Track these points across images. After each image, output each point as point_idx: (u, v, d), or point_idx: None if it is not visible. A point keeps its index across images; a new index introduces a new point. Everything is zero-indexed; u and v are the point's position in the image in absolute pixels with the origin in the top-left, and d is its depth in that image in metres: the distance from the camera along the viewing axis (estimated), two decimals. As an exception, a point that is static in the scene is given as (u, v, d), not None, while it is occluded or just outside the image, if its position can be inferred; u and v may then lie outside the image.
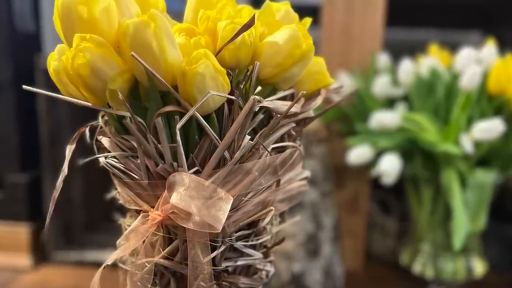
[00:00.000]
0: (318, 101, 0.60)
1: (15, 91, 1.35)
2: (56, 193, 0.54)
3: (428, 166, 1.14)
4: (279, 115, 0.54)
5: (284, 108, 0.54)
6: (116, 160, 0.55)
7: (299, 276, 1.10)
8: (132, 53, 0.47)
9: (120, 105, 0.51)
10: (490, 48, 1.13)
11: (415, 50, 1.30)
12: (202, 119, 0.50)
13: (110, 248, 1.23)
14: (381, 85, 1.19)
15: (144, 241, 0.55)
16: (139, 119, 0.50)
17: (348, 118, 1.27)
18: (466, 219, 1.04)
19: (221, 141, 0.51)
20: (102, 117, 0.59)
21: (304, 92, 0.53)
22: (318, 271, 1.12)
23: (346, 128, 1.28)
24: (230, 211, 0.51)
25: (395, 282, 1.33)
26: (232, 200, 0.50)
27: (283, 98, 0.59)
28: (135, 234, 0.54)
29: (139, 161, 0.52)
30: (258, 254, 0.60)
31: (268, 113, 0.57)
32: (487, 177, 1.08)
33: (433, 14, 1.53)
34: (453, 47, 1.22)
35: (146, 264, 0.55)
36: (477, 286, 1.24)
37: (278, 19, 0.59)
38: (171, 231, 0.55)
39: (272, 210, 0.56)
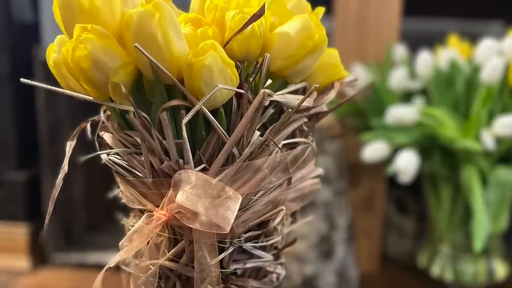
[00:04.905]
0: (332, 95, 0.60)
1: (13, 84, 1.36)
2: (55, 192, 0.54)
3: (447, 163, 1.14)
4: (290, 110, 0.54)
5: (296, 102, 0.54)
6: (118, 157, 0.55)
7: (312, 279, 1.10)
8: (136, 44, 0.47)
9: (123, 99, 0.51)
10: (512, 39, 1.12)
11: (433, 41, 1.29)
12: (209, 114, 0.50)
13: (112, 250, 1.23)
14: (397, 78, 1.19)
15: (148, 242, 0.55)
16: (143, 113, 0.50)
17: (363, 113, 1.27)
18: (487, 219, 1.03)
19: (229, 137, 0.51)
20: (104, 111, 0.59)
21: (317, 85, 0.53)
22: (331, 274, 1.12)
23: (361, 123, 1.28)
24: (238, 210, 0.51)
25: (412, 285, 1.32)
26: (241, 199, 0.50)
27: (295, 92, 0.59)
28: (139, 235, 0.54)
29: (143, 158, 0.52)
30: (268, 256, 0.60)
31: (279, 107, 0.57)
32: (509, 175, 1.07)
33: (452, 3, 1.52)
34: (473, 38, 1.22)
35: (151, 266, 0.55)
36: (498, 290, 1.24)
37: (289, 9, 0.59)
38: (177, 232, 0.55)
39: (283, 209, 0.56)
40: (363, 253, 1.37)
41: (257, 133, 0.52)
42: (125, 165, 0.54)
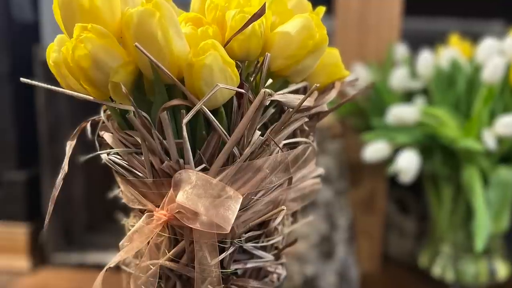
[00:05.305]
0: (332, 94, 0.60)
1: (13, 84, 1.36)
2: (55, 192, 0.54)
3: (449, 163, 1.14)
4: (291, 109, 0.54)
5: (297, 102, 0.54)
6: (119, 157, 0.55)
7: (312, 279, 1.10)
8: (136, 43, 0.47)
9: (123, 99, 0.51)
10: (514, 38, 1.12)
11: (434, 40, 1.29)
12: (209, 113, 0.50)
13: (112, 250, 1.23)
14: (398, 78, 1.19)
15: (148, 242, 0.55)
16: (144, 113, 0.50)
17: (364, 113, 1.27)
18: (488, 219, 1.03)
19: (230, 136, 0.51)
20: (104, 111, 0.59)
21: (318, 85, 0.53)
22: (332, 274, 1.12)
23: (362, 123, 1.28)
24: (239, 210, 0.51)
25: (413, 285, 1.32)
26: (241, 199, 0.50)
27: (296, 92, 0.59)
28: (139, 235, 0.54)
29: (143, 158, 0.52)
30: (269, 256, 0.60)
31: (280, 107, 0.57)
32: (510, 175, 1.07)
33: (453, 2, 1.52)
34: (474, 38, 1.22)
35: (151, 266, 0.55)
36: (500, 290, 1.23)
37: (290, 8, 0.59)
38: (177, 232, 0.55)
39: (283, 209, 0.56)
40: (364, 253, 1.37)
41: (258, 132, 0.52)
42: (125, 165, 0.54)
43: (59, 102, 1.38)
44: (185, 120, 0.48)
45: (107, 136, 0.56)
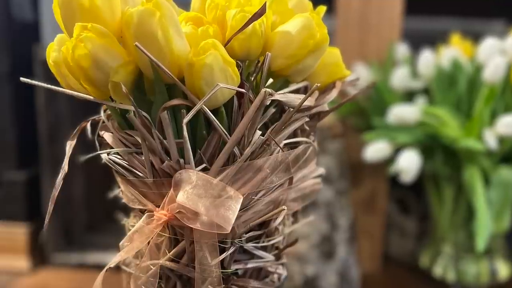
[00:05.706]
0: (333, 94, 0.60)
1: (13, 83, 1.36)
2: (55, 192, 0.54)
3: (450, 163, 1.14)
4: (291, 109, 0.53)
5: (297, 101, 0.54)
6: (119, 157, 0.55)
7: (313, 279, 1.10)
8: (136, 43, 0.47)
9: (123, 99, 0.51)
10: (515, 37, 1.12)
11: (435, 40, 1.29)
12: (210, 113, 0.50)
13: (112, 250, 1.23)
14: (399, 77, 1.19)
15: (148, 243, 0.55)
16: (144, 113, 0.50)
17: (364, 112, 1.27)
18: (489, 219, 1.03)
19: (230, 136, 0.51)
20: (104, 111, 0.59)
21: (318, 84, 0.53)
22: (333, 274, 1.12)
23: (363, 122, 1.27)
24: (240, 210, 0.51)
25: (414, 286, 1.32)
26: (242, 199, 0.50)
27: (296, 91, 0.59)
28: (139, 235, 0.54)
29: (143, 158, 0.52)
30: (269, 256, 0.60)
31: (280, 107, 0.57)
32: (511, 175, 1.07)
33: (454, 2, 1.52)
34: (475, 37, 1.22)
35: (151, 266, 0.55)
36: (501, 290, 1.23)
37: (290, 8, 0.59)
38: (178, 232, 0.55)
39: (284, 209, 0.56)
40: (364, 253, 1.37)
41: (258, 132, 0.52)
42: (126, 164, 0.54)
43: (59, 102, 1.38)
44: (185, 120, 0.48)
45: (107, 136, 0.56)
